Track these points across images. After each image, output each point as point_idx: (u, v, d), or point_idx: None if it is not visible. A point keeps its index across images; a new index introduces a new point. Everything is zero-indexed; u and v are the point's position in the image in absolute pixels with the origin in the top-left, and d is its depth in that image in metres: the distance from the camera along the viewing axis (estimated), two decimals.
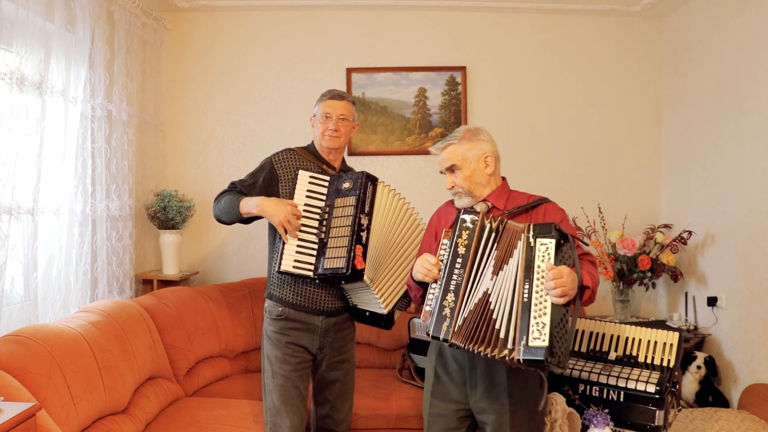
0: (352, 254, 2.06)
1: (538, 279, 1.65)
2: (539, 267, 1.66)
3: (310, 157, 2.33)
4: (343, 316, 2.34)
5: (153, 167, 3.48)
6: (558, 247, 1.67)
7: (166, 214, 3.29)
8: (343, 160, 2.46)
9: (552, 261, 1.65)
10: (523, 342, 1.61)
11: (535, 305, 1.64)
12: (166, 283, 3.34)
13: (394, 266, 2.24)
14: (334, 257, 2.08)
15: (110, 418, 2.20)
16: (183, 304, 2.99)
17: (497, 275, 1.71)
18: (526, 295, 1.65)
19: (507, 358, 1.63)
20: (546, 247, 1.67)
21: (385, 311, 2.17)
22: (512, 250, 1.71)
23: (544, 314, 1.62)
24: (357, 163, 3.70)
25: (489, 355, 1.66)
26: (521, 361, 1.60)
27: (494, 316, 1.68)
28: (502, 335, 1.65)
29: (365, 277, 2.09)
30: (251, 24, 3.68)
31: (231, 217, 2.21)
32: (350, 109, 2.34)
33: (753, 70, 2.94)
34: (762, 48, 2.87)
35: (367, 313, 2.25)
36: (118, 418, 2.23)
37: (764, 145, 2.86)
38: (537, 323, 1.62)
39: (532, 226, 1.70)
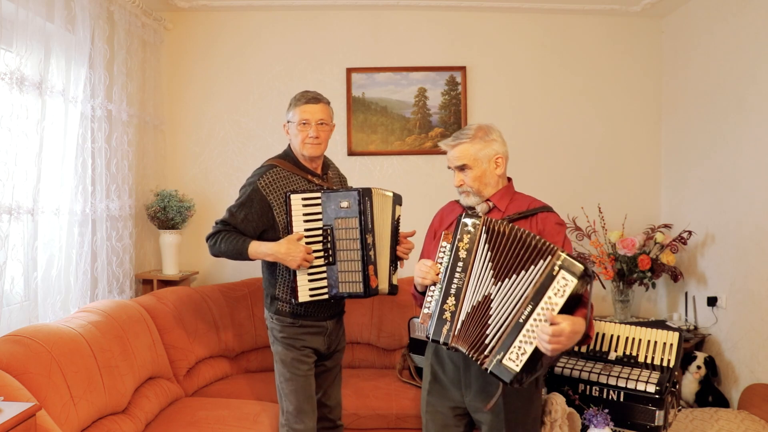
0: (367, 276, 2.11)
1: (542, 309, 1.62)
2: (549, 298, 1.62)
3: (293, 168, 2.24)
4: (341, 314, 2.42)
5: (153, 167, 3.48)
6: (576, 288, 1.62)
7: (166, 214, 3.29)
8: (323, 161, 2.37)
9: (560, 305, 1.61)
10: (498, 357, 1.64)
11: (527, 331, 1.63)
12: (166, 283, 3.34)
13: (387, 253, 2.23)
14: (349, 281, 2.14)
15: (110, 418, 2.20)
16: (183, 304, 2.98)
17: (503, 281, 1.69)
18: (523, 317, 1.64)
19: (479, 361, 1.68)
20: (565, 283, 1.61)
21: (387, 292, 2.23)
22: (531, 264, 1.66)
23: (530, 344, 1.62)
24: (357, 163, 3.71)
25: (473, 358, 1.69)
26: (488, 371, 1.66)
27: (489, 321, 1.69)
28: (487, 341, 1.68)
29: (379, 291, 2.16)
30: (251, 24, 3.68)
31: (236, 259, 2.20)
32: (328, 111, 2.26)
33: (752, 70, 2.94)
34: (761, 48, 2.87)
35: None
36: (118, 418, 2.23)
37: (764, 145, 2.86)
38: (519, 348, 1.63)
39: (565, 256, 1.63)
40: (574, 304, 1.66)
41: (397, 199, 2.30)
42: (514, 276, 1.68)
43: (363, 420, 2.72)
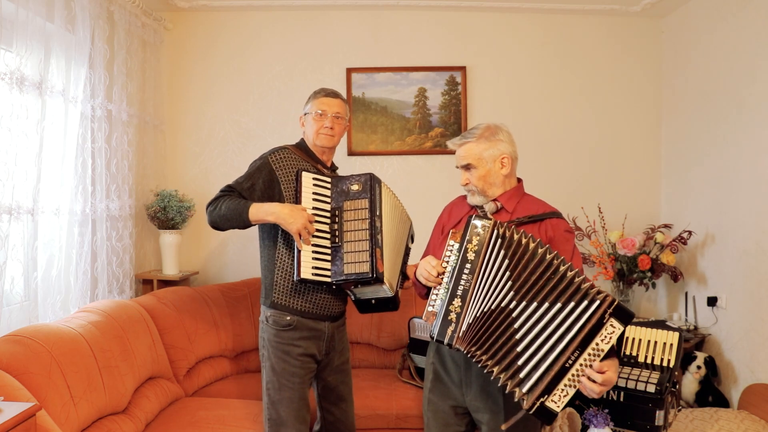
0: (374, 258, 2.06)
1: (588, 355, 1.61)
2: (597, 344, 1.61)
3: (304, 156, 2.26)
4: (342, 319, 2.34)
5: (153, 167, 3.48)
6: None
7: (166, 214, 3.29)
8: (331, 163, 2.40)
9: (606, 351, 1.62)
10: (541, 399, 1.62)
11: (572, 376, 1.62)
12: (166, 283, 3.34)
13: (396, 258, 2.25)
14: (357, 262, 2.07)
15: (110, 418, 2.20)
16: (183, 304, 2.99)
17: (530, 303, 1.66)
18: (570, 361, 1.62)
19: (516, 395, 1.64)
20: (613, 330, 1.61)
21: (392, 294, 2.18)
22: (569, 300, 1.63)
23: (573, 387, 1.63)
24: (357, 163, 3.71)
25: (487, 369, 1.67)
26: (528, 410, 1.63)
27: (517, 347, 1.66)
28: (522, 374, 1.64)
29: (385, 280, 2.10)
30: (251, 24, 3.68)
31: (234, 223, 2.09)
32: (344, 107, 2.30)
33: (752, 70, 2.94)
34: (761, 48, 2.87)
35: (373, 301, 2.23)
36: (118, 418, 2.23)
37: (764, 144, 2.86)
38: (563, 391, 1.63)
39: (616, 304, 1.61)
40: None
41: (412, 230, 2.39)
42: (547, 304, 1.65)
43: (363, 420, 2.72)
